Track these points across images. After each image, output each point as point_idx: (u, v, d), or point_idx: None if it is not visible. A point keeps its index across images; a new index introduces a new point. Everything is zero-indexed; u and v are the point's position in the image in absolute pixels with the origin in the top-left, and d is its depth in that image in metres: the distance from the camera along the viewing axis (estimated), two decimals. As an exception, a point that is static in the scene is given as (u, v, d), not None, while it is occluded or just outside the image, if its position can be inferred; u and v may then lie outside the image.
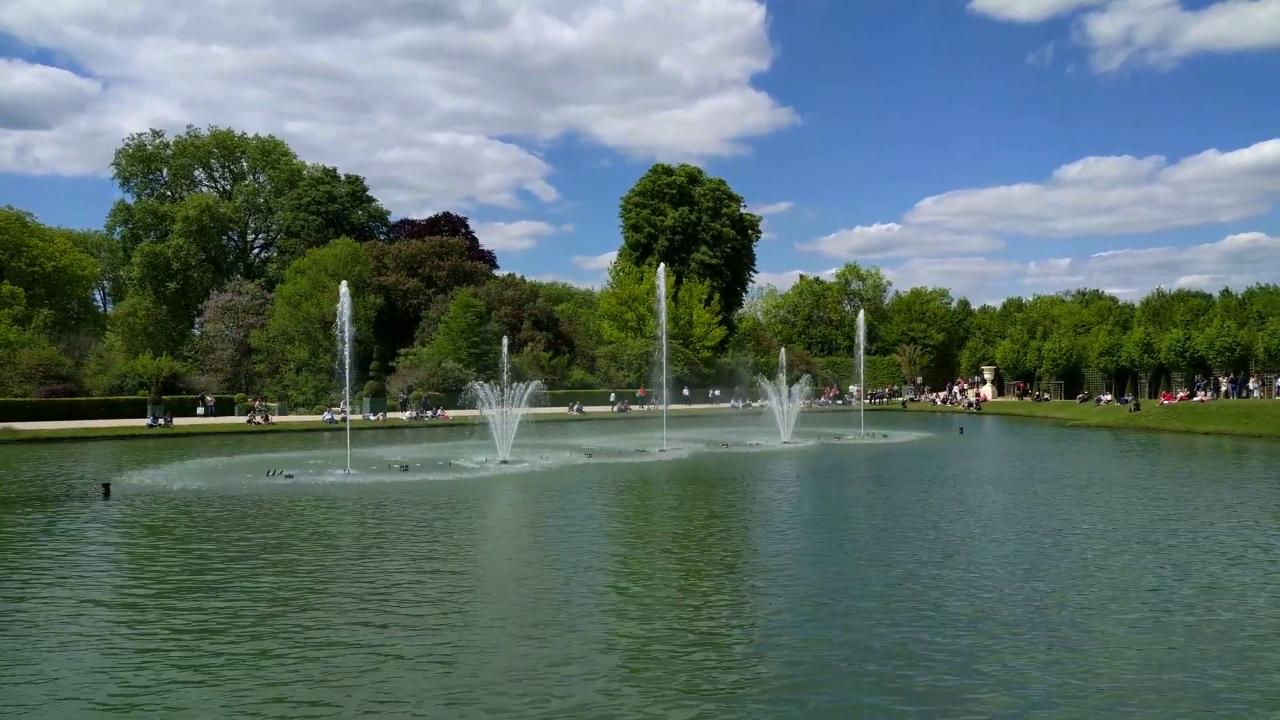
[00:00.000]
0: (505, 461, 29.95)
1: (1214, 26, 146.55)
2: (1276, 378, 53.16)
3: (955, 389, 78.52)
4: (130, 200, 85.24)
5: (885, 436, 42.18)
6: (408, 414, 55.96)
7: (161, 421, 47.22)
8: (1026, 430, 48.49)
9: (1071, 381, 69.40)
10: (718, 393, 74.87)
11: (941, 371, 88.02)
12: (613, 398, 67.91)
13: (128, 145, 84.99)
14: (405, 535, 17.43)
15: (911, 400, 76.74)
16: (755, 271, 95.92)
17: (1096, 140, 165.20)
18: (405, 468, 28.90)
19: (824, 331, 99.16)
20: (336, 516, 19.94)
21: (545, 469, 28.95)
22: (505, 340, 45.55)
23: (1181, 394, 54.73)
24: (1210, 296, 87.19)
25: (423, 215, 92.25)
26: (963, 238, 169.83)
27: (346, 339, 31.70)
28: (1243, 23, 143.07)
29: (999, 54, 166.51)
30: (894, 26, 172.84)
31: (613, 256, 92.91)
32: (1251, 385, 53.70)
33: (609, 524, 19.61)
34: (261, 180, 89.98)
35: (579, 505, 21.75)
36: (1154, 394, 59.00)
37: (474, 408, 36.18)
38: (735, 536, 17.49)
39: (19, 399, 51.73)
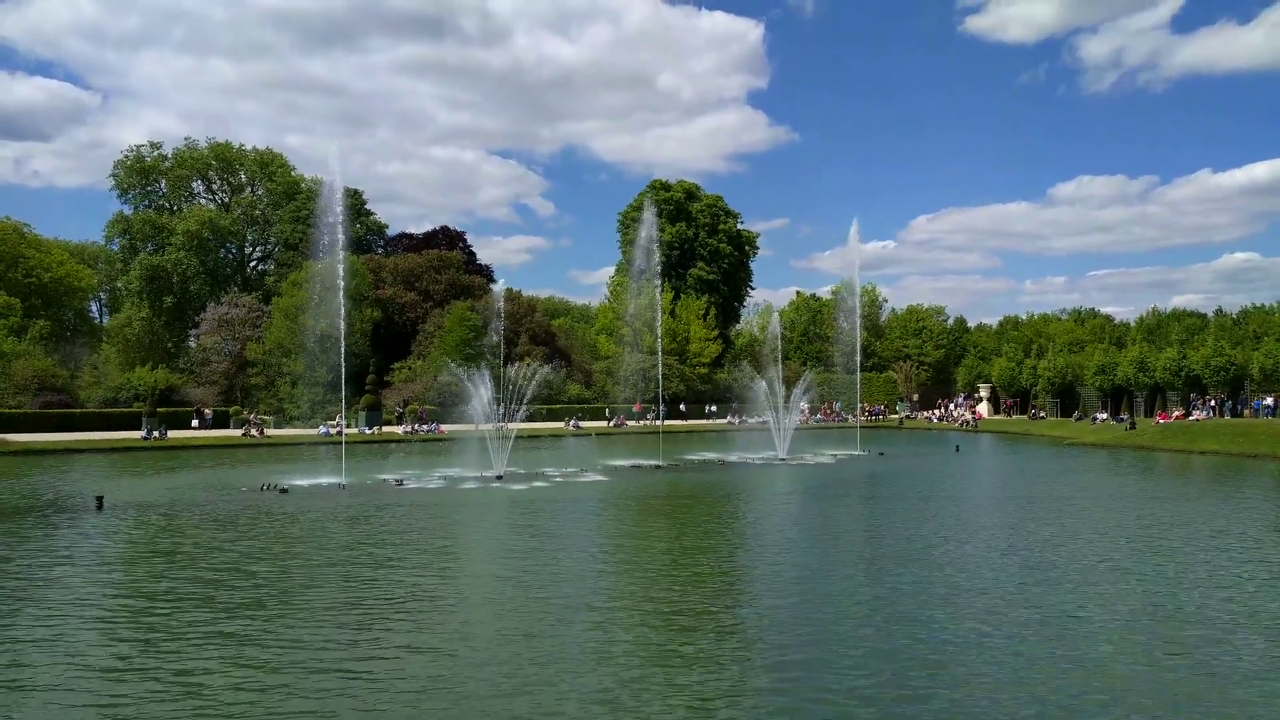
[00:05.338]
0: (500, 478, 29.88)
1: (1204, 48, 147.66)
2: (1266, 397, 53.20)
3: (950, 406, 78.56)
4: (128, 212, 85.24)
5: (881, 454, 42.14)
6: (403, 428, 55.87)
7: (156, 434, 47.08)
8: (1024, 449, 48.44)
9: (1067, 399, 69.42)
10: (714, 408, 74.83)
11: (938, 389, 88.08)
12: (608, 413, 67.85)
13: (126, 157, 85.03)
14: (396, 550, 17.36)
15: (908, 417, 76.73)
16: (752, 288, 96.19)
17: (1090, 159, 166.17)
18: (400, 482, 28.85)
19: (820, 348, 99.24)
20: (329, 530, 19.85)
21: (541, 486, 28.85)
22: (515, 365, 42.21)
23: (1177, 413, 54.79)
24: (1205, 316, 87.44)
25: (421, 229, 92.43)
26: (958, 255, 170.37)
27: (342, 350, 31.69)
28: (1232, 45, 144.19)
29: (991, 74, 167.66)
30: (888, 47, 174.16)
31: (609, 271, 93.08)
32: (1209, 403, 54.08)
33: (602, 542, 19.53)
34: (259, 193, 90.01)
35: (576, 522, 21.69)
36: (1149, 413, 59.06)
37: (469, 422, 36.13)
38: (742, 554, 17.44)
39: (14, 410, 51.54)
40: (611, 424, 64.95)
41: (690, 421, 70.65)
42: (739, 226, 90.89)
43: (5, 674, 10.05)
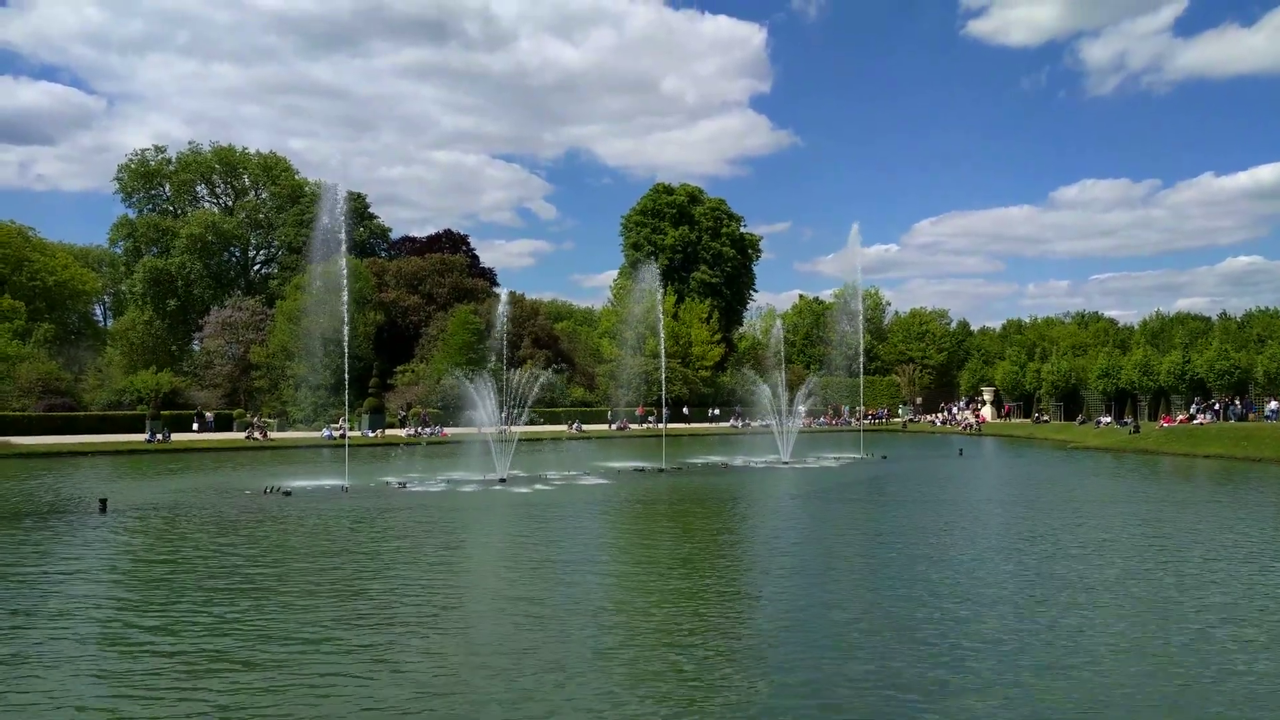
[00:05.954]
0: (503, 480, 29.89)
1: (1207, 52, 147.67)
2: (1270, 401, 53.02)
3: (954, 409, 78.48)
4: (132, 215, 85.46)
5: (885, 458, 42.09)
6: (406, 431, 55.89)
7: (159, 437, 47.15)
8: (1028, 452, 48.35)
9: (1070, 403, 69.31)
10: (717, 412, 74.81)
11: (941, 392, 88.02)
12: (611, 416, 67.83)
13: (130, 161, 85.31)
14: (398, 553, 17.35)
15: (911, 421, 76.65)
16: (755, 291, 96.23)
17: (1093, 163, 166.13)
18: (403, 485, 28.86)
19: (823, 352, 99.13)
20: (332, 533, 19.85)
21: (544, 489, 28.85)
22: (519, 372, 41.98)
23: (1181, 416, 54.68)
24: (1209, 319, 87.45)
25: (424, 233, 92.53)
26: (961, 259, 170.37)
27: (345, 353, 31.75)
28: (1235, 48, 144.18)
29: (994, 78, 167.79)
30: (891, 51, 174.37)
31: (613, 275, 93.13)
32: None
33: (605, 545, 19.52)
34: (263, 196, 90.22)
35: (578, 526, 21.67)
36: (1153, 416, 58.94)
37: (472, 425, 36.14)
38: (749, 560, 17.42)
39: (18, 413, 51.66)
40: (614, 427, 64.93)
41: (693, 425, 70.64)
42: (742, 230, 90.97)
43: (4, 676, 10.06)
